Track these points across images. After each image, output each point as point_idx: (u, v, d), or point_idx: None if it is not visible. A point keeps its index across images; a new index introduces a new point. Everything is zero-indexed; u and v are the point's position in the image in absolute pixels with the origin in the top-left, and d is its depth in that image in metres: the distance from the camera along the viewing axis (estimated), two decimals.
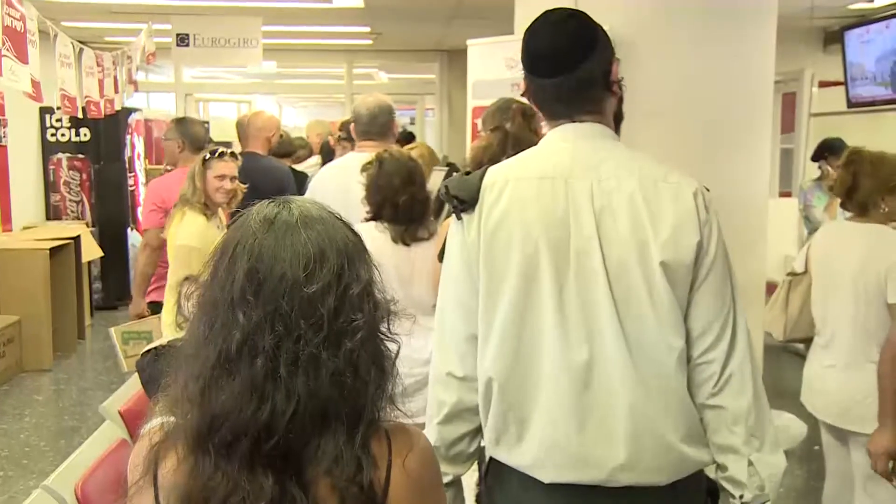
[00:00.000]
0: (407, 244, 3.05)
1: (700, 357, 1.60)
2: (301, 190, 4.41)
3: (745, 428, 1.60)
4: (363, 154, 3.49)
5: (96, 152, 8.02)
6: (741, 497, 1.61)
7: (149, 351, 2.48)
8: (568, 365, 1.55)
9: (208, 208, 3.51)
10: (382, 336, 1.12)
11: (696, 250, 1.56)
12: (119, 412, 2.86)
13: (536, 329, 1.57)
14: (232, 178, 3.58)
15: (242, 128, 4.72)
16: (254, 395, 1.02)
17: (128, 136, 8.19)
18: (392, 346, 1.13)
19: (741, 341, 1.61)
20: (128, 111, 8.02)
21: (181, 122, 4.68)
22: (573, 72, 1.60)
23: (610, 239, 1.55)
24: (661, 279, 1.54)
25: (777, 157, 6.98)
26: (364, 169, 3.06)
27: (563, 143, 1.64)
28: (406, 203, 2.96)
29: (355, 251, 1.11)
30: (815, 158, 5.76)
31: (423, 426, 1.65)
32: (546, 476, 1.59)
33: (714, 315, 1.59)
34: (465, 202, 1.63)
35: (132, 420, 2.82)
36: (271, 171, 4.59)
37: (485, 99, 5.22)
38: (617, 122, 1.72)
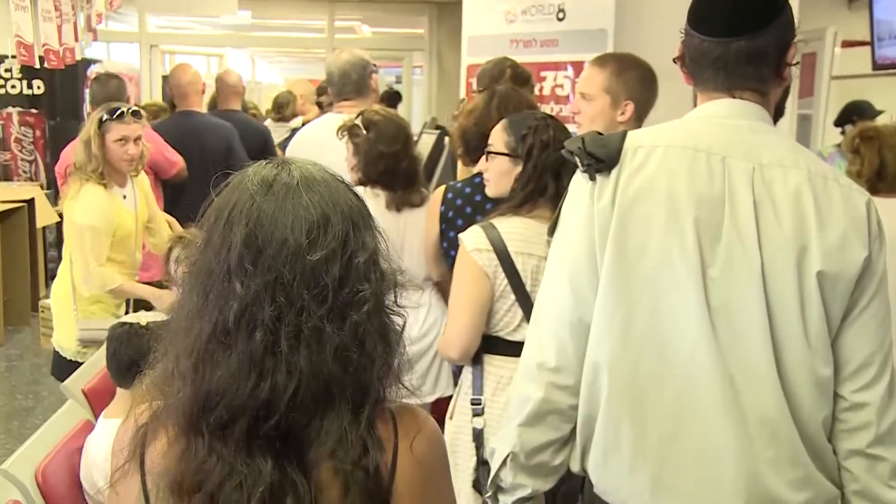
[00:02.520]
0: (398, 210, 3.05)
1: (853, 396, 1.50)
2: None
3: None
4: (340, 116, 3.47)
5: (51, 107, 7.93)
6: None
7: (123, 325, 2.46)
8: (710, 373, 1.45)
9: (104, 178, 3.35)
10: (389, 309, 1.12)
11: (862, 266, 1.46)
12: (83, 391, 2.85)
13: (674, 324, 1.47)
14: (136, 140, 3.41)
15: (179, 87, 4.69)
16: (252, 372, 1.02)
17: (86, 90, 8.09)
18: (398, 320, 1.13)
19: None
20: (87, 62, 7.91)
21: (95, 79, 4.58)
22: (748, 36, 1.51)
23: (768, 235, 1.45)
24: (817, 293, 1.45)
25: (794, 124, 6.98)
26: (342, 132, 3.03)
27: (719, 118, 1.55)
28: (404, 169, 2.96)
29: (360, 216, 1.11)
30: (840, 123, 5.75)
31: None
32: None
33: (875, 348, 1.49)
34: (602, 162, 1.52)
35: (97, 400, 2.81)
36: (214, 128, 4.58)
37: (481, 56, 5.18)
38: (776, 117, 1.61)
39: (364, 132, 2.98)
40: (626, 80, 2.66)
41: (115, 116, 3.36)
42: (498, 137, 2.48)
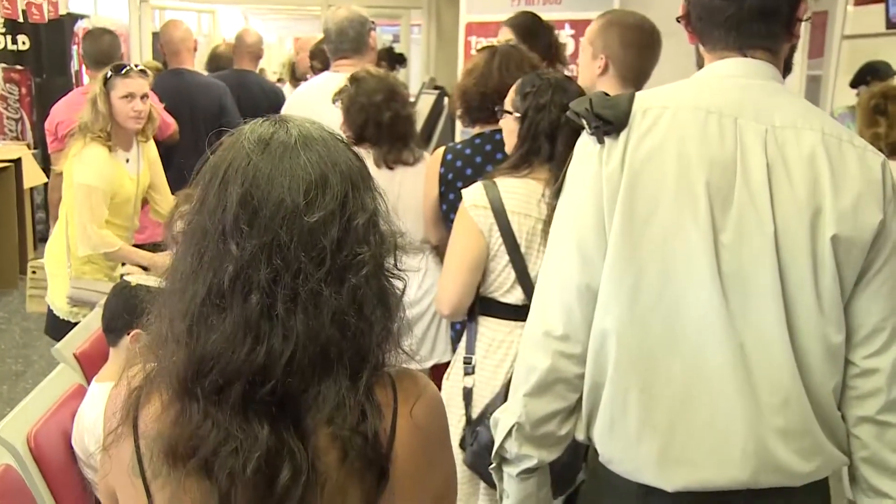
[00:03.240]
0: (391, 168, 3.06)
1: (864, 363, 1.51)
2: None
3: None
4: (338, 75, 3.46)
5: (38, 63, 7.86)
6: None
7: (126, 286, 2.47)
8: (722, 339, 1.46)
9: (111, 139, 3.37)
10: (388, 272, 1.12)
11: (876, 230, 1.46)
12: (74, 355, 2.86)
13: (685, 290, 1.47)
14: (143, 97, 3.43)
15: (170, 44, 4.66)
16: (248, 336, 1.02)
17: (73, 47, 8.02)
18: (397, 284, 1.13)
19: None
20: (73, 18, 7.84)
21: (86, 35, 4.55)
22: None
23: (782, 199, 1.45)
24: (830, 257, 1.45)
25: (804, 85, 6.95)
26: (336, 97, 3.05)
27: (730, 78, 1.55)
28: (390, 120, 2.97)
29: (360, 177, 1.10)
30: (855, 84, 5.71)
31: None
32: (673, 480, 1.51)
33: (888, 313, 1.50)
34: (610, 124, 1.51)
35: (89, 364, 2.82)
36: (206, 87, 4.56)
37: (481, 14, 5.16)
38: (784, 74, 1.60)
39: (353, 89, 3.02)
40: (605, 36, 2.69)
41: (121, 73, 3.38)
42: (509, 96, 2.51)
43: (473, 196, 2.38)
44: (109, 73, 3.39)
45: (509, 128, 2.49)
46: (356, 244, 1.06)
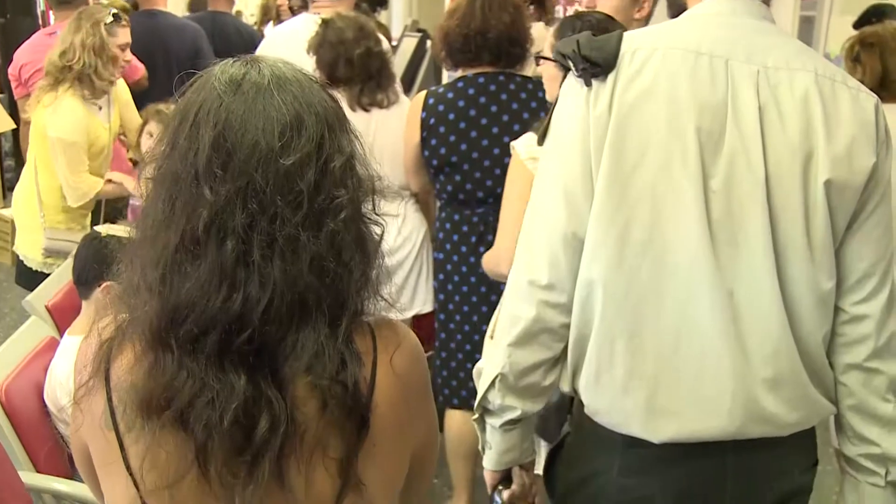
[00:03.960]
0: (366, 110, 3.04)
1: (853, 309, 1.53)
2: None
3: None
4: (317, 16, 3.42)
5: (1, 3, 7.70)
6: (886, 475, 1.57)
7: (96, 237, 2.45)
8: (710, 288, 1.46)
9: (87, 87, 3.33)
10: (366, 217, 1.11)
11: (869, 174, 1.46)
12: (46, 307, 2.84)
13: (673, 237, 1.47)
14: (123, 47, 3.43)
15: None
16: (223, 283, 1.01)
17: None
18: (376, 230, 1.13)
19: (895, 295, 1.54)
20: None
21: None
22: None
23: (774, 143, 1.45)
24: (823, 202, 1.45)
25: (796, 27, 6.91)
26: (309, 47, 3.04)
27: (720, 17, 1.53)
28: (362, 57, 2.95)
29: (336, 118, 1.09)
30: (858, 25, 5.68)
31: None
32: (660, 431, 1.52)
33: (877, 258, 1.52)
34: (598, 66, 1.48)
35: (62, 317, 2.81)
36: (180, 30, 4.49)
37: None
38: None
39: (322, 29, 3.00)
40: None
41: (120, 21, 3.38)
42: (548, 41, 2.44)
43: (528, 148, 2.31)
44: (110, 20, 3.36)
45: (550, 74, 2.43)
46: (333, 187, 1.05)
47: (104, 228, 2.58)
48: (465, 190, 2.98)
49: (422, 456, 1.18)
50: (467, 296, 3.04)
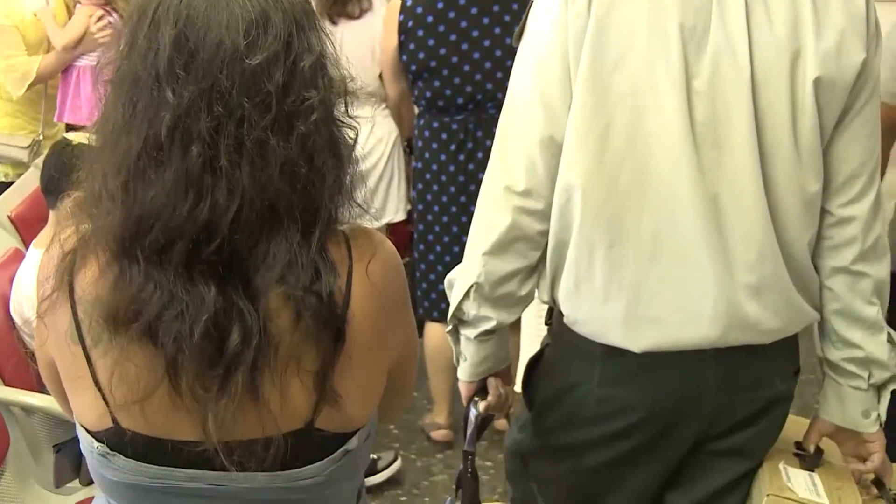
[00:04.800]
0: (333, 22, 2.99)
1: (840, 211, 1.53)
2: None
3: (882, 299, 1.56)
4: None
5: None
6: (869, 377, 1.59)
7: (66, 145, 2.41)
8: (692, 192, 1.45)
9: None
10: (339, 121, 1.08)
11: (859, 70, 1.45)
12: (9, 217, 2.81)
13: (655, 141, 1.45)
14: None
15: None
16: (189, 190, 0.99)
17: None
18: (349, 133, 1.10)
19: (881, 196, 1.54)
20: None
21: None
22: None
23: (761, 40, 1.43)
24: (812, 102, 1.43)
25: None
26: None
27: None
28: None
29: (304, 15, 1.06)
30: None
31: None
32: (640, 340, 1.53)
33: (865, 158, 1.51)
34: None
35: (26, 228, 2.78)
36: None
37: None
38: None
39: None
40: None
41: None
42: None
43: None
44: None
45: None
46: (303, 88, 1.02)
47: (75, 136, 2.53)
48: (445, 96, 2.94)
49: (401, 368, 1.18)
50: (447, 206, 3.02)
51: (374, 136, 3.11)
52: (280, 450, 1.03)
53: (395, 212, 3.29)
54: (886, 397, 1.61)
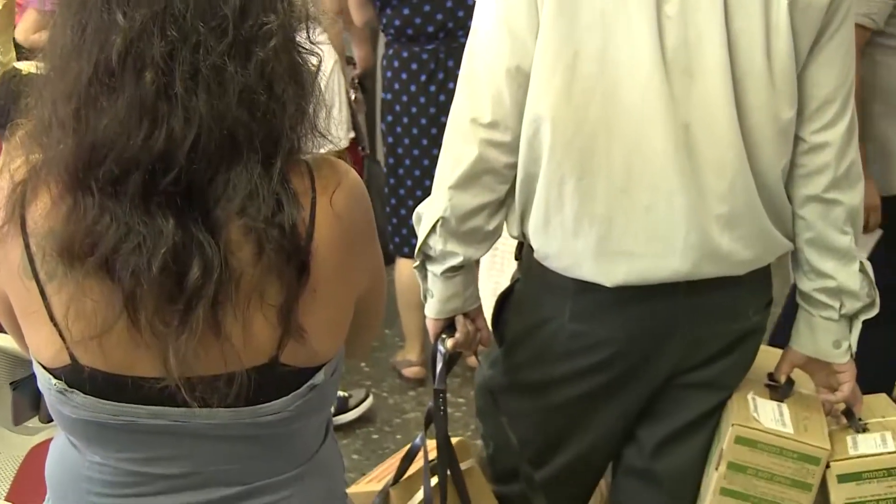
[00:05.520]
0: None
1: (813, 137, 1.54)
2: None
3: (855, 228, 1.58)
4: None
5: None
6: (840, 308, 1.61)
7: (15, 74, 2.35)
8: (663, 122, 1.45)
9: None
10: (300, 46, 1.06)
11: None
12: None
13: (624, 68, 1.44)
14: None
15: None
16: (144, 119, 0.97)
17: None
18: (311, 60, 1.08)
19: (855, 122, 1.55)
20: None
21: None
22: None
23: None
24: (786, 25, 1.43)
25: None
26: None
27: None
28: None
29: None
30: None
31: None
32: (612, 274, 1.53)
33: (839, 82, 1.51)
34: None
35: None
36: None
37: None
38: None
39: None
40: None
41: None
42: None
43: None
44: None
45: None
46: (262, 12, 1.00)
47: (26, 65, 2.47)
48: (414, 24, 2.90)
49: (367, 301, 1.18)
50: (417, 139, 3.01)
51: (329, 60, 3.06)
52: (244, 385, 1.03)
53: (339, 140, 3.27)
54: (858, 328, 1.63)
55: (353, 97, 3.45)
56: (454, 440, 1.79)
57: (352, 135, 3.41)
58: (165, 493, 1.10)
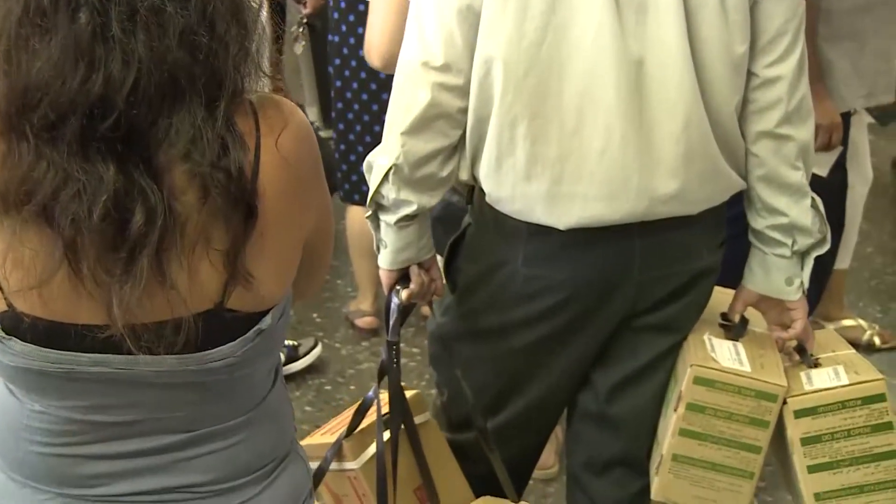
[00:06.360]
0: None
1: (765, 71, 1.56)
2: None
3: (806, 164, 1.60)
4: None
5: None
6: (793, 245, 1.64)
7: None
8: (616, 59, 1.46)
9: None
10: None
11: None
12: None
13: (577, 6, 1.45)
14: None
15: None
16: (80, 61, 0.96)
17: None
18: None
19: (805, 56, 1.57)
20: None
21: None
22: None
23: None
24: None
25: None
26: None
27: None
28: None
29: None
30: None
31: None
32: (565, 217, 1.55)
33: (791, 14, 1.53)
34: None
35: None
36: None
37: None
38: None
39: None
40: None
41: None
42: None
43: None
44: None
45: None
46: None
47: None
48: None
49: (315, 245, 1.18)
50: (366, 82, 2.99)
51: None
52: (190, 332, 1.03)
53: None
54: (809, 264, 1.67)
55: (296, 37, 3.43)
56: (409, 393, 1.81)
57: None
58: (112, 440, 1.10)
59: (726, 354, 1.67)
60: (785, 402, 1.64)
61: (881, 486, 1.64)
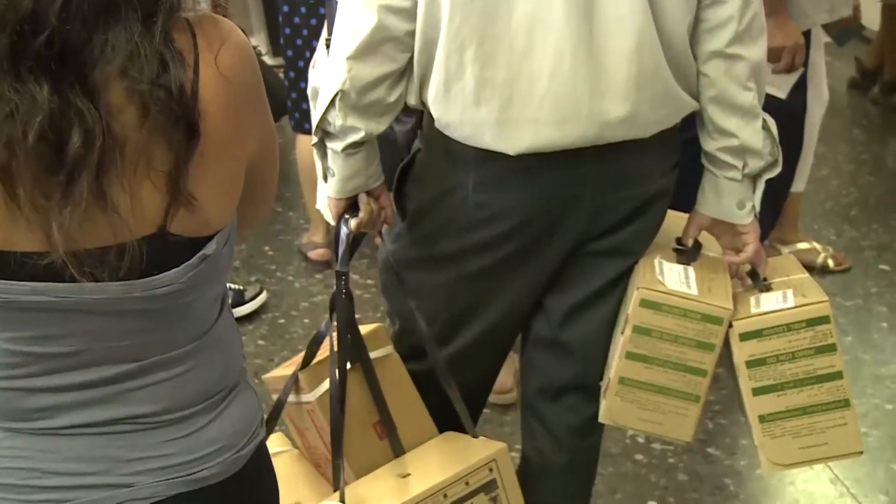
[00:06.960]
0: None
1: None
2: None
3: (759, 85, 1.61)
4: None
5: None
6: (744, 167, 1.65)
7: None
8: None
9: None
10: None
11: None
12: None
13: None
14: None
15: None
16: None
17: None
18: None
19: None
20: None
21: None
22: None
23: None
24: None
25: None
26: None
27: None
28: None
29: None
30: None
31: None
32: (516, 142, 1.55)
33: None
34: None
35: None
36: None
37: None
38: None
39: None
40: None
41: None
42: None
43: None
44: None
45: None
46: None
47: None
48: None
49: (258, 168, 1.17)
50: (314, 6, 2.95)
51: None
52: (135, 257, 1.03)
53: None
54: (761, 188, 1.70)
55: None
56: (369, 328, 1.82)
57: None
58: (55, 372, 1.10)
59: (675, 278, 1.69)
60: (731, 326, 1.67)
61: (824, 408, 1.68)
